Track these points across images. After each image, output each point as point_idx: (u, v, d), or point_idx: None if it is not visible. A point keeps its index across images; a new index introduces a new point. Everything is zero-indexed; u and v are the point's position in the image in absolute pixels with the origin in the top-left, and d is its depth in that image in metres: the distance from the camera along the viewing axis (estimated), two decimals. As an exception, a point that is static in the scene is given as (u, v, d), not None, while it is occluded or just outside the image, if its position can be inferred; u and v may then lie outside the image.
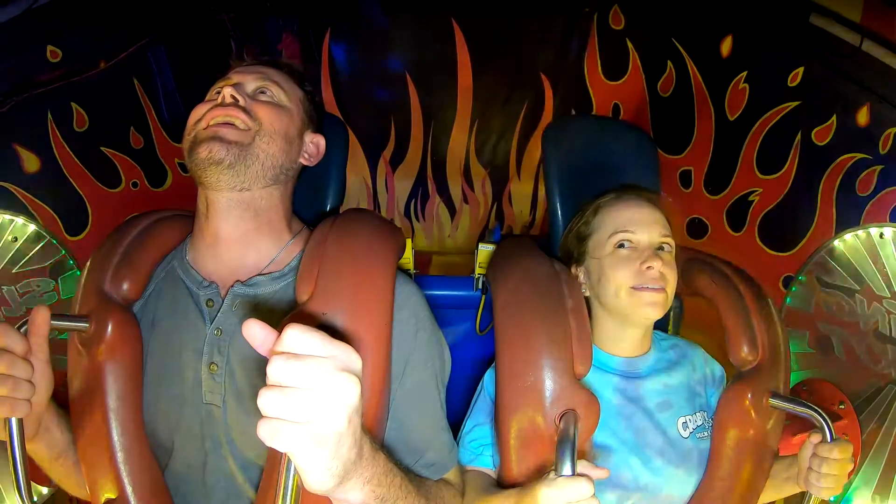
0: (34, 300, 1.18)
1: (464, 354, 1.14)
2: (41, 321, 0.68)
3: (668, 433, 0.93)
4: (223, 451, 0.77)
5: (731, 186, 1.51)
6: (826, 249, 1.23)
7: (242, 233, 0.82)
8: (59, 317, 0.75)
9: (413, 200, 2.37)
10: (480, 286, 1.43)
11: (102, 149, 1.39)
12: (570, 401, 0.83)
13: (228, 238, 0.82)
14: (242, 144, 0.78)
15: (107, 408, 0.76)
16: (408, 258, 1.37)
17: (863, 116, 1.16)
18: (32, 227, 1.18)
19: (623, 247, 0.94)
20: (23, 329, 0.68)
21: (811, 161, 1.28)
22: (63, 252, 1.22)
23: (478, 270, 1.43)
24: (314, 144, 0.93)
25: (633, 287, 0.91)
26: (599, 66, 1.98)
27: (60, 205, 1.25)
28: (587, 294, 0.99)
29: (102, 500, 0.77)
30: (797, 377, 1.25)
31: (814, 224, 1.27)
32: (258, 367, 0.74)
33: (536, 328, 0.88)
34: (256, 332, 0.49)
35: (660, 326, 1.11)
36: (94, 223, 1.33)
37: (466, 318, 1.47)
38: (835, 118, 1.22)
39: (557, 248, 1.12)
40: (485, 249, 1.39)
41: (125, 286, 0.81)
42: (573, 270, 1.02)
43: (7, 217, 1.14)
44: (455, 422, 0.94)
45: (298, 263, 0.80)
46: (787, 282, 1.33)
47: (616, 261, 0.94)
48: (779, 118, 1.36)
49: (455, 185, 2.34)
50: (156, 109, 1.57)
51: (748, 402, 0.92)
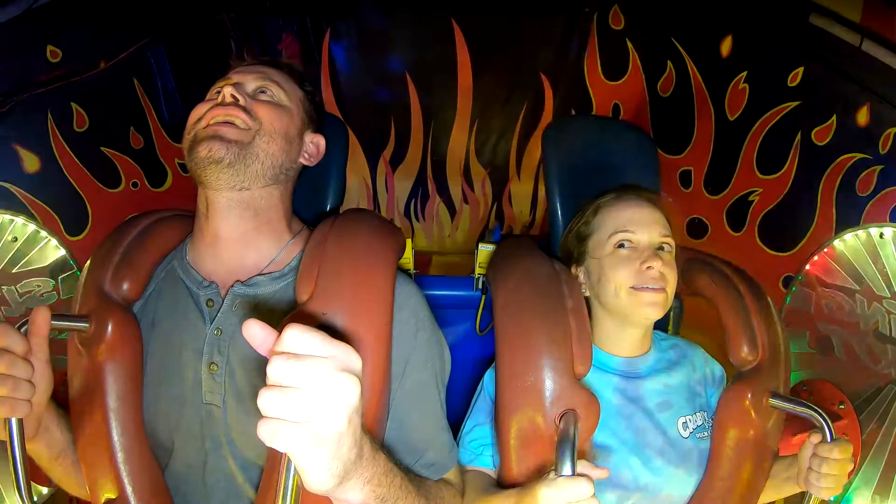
0: (34, 300, 1.18)
1: (464, 354, 1.14)
2: (41, 321, 0.68)
3: (668, 433, 0.93)
4: (223, 451, 0.77)
5: (731, 186, 1.51)
6: (826, 249, 1.23)
7: (242, 232, 0.82)
8: (59, 317, 0.75)
9: (413, 200, 2.36)
10: (480, 286, 1.43)
11: (102, 149, 1.39)
12: (570, 401, 0.83)
13: (228, 238, 0.82)
14: (242, 143, 0.78)
15: (107, 408, 0.76)
16: (408, 258, 1.37)
17: (863, 116, 1.16)
18: (32, 227, 1.18)
19: (623, 247, 0.94)
20: (23, 329, 0.68)
21: (811, 161, 1.28)
22: (63, 252, 1.22)
23: (478, 270, 1.43)
24: (314, 144, 0.93)
25: (633, 287, 0.91)
26: (599, 66, 1.98)
27: (60, 205, 1.25)
28: (587, 294, 0.99)
29: (102, 500, 0.77)
30: (797, 377, 1.25)
31: (814, 224, 1.27)
32: (258, 367, 0.74)
33: (536, 328, 0.88)
34: (256, 332, 0.49)
35: (660, 326, 1.11)
36: (94, 223, 1.33)
37: (466, 318, 1.47)
38: (835, 118, 1.21)
39: (557, 248, 1.12)
40: (485, 249, 1.39)
41: (125, 286, 0.81)
42: (573, 270, 1.02)
43: (7, 217, 1.14)
44: (455, 422, 0.93)
45: (298, 263, 0.80)
46: (787, 282, 1.33)
47: (616, 261, 0.94)
48: (779, 118, 1.35)
49: (455, 185, 2.34)
50: (156, 109, 1.57)
51: (748, 402, 0.92)
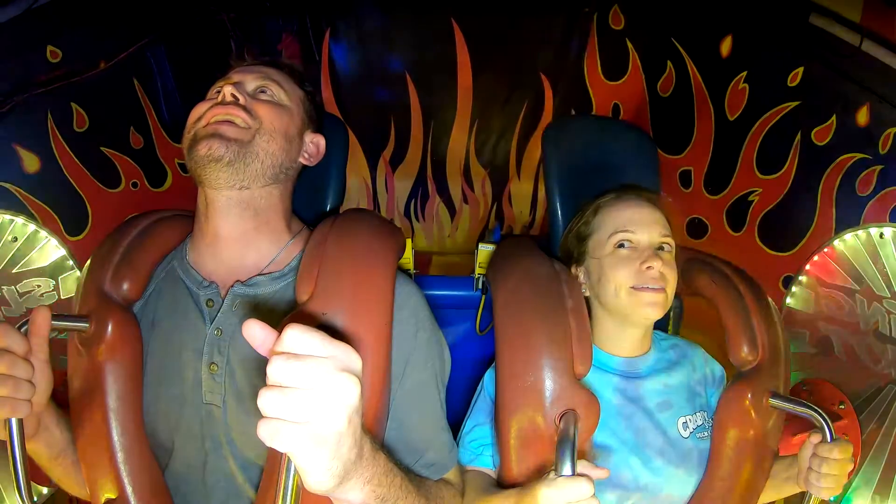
0: (34, 300, 1.18)
1: (464, 354, 1.14)
2: (42, 321, 0.68)
3: (669, 433, 0.93)
4: (223, 451, 0.77)
5: (731, 186, 1.51)
6: (826, 249, 1.23)
7: (242, 232, 0.82)
8: (60, 317, 0.75)
9: (413, 200, 2.36)
10: (480, 286, 1.43)
11: (102, 149, 1.39)
12: (570, 401, 0.83)
13: (228, 237, 0.82)
14: (242, 142, 0.78)
15: (107, 408, 0.76)
16: (408, 258, 1.37)
17: (863, 116, 1.16)
18: (32, 227, 1.18)
19: (623, 247, 0.94)
20: (23, 329, 0.68)
21: (811, 161, 1.28)
22: (63, 252, 1.22)
23: (478, 270, 1.43)
24: (314, 144, 0.93)
25: (633, 287, 0.91)
26: (599, 66, 1.98)
27: (60, 205, 1.25)
28: (587, 294, 0.99)
29: (102, 500, 0.77)
30: (797, 377, 1.25)
31: (814, 224, 1.27)
32: (258, 367, 0.74)
33: (536, 328, 0.88)
34: (256, 333, 0.49)
35: (660, 326, 1.11)
36: (94, 223, 1.32)
37: (466, 318, 1.47)
38: (834, 118, 1.21)
39: (557, 248, 1.12)
40: (485, 249, 1.39)
41: (125, 286, 0.81)
42: (573, 270, 1.02)
43: (7, 217, 1.14)
44: (455, 422, 0.94)
45: (298, 263, 0.80)
46: (787, 282, 1.32)
47: (616, 261, 0.94)
48: (779, 118, 1.35)
49: (455, 185, 2.34)
50: (156, 109, 1.57)
51: (748, 402, 0.92)
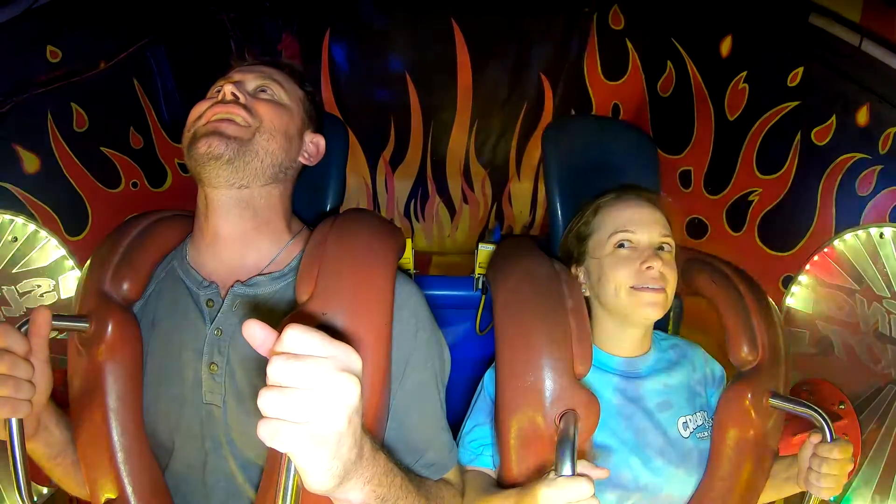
0: (34, 300, 1.18)
1: (464, 354, 1.14)
2: (42, 321, 0.68)
3: (669, 433, 0.93)
4: (223, 451, 0.77)
5: (731, 186, 1.51)
6: (826, 249, 1.23)
7: (242, 232, 0.82)
8: (60, 317, 0.75)
9: (413, 200, 2.36)
10: (480, 286, 1.43)
11: (102, 149, 1.39)
12: (570, 401, 0.83)
13: (228, 237, 0.82)
14: (242, 140, 0.78)
15: (107, 408, 0.76)
16: (408, 258, 1.37)
17: (862, 116, 1.16)
18: (32, 227, 1.18)
19: (623, 247, 0.94)
20: (23, 329, 0.68)
21: (811, 161, 1.28)
22: (63, 252, 1.22)
23: (478, 270, 1.43)
24: (314, 144, 0.93)
25: (633, 287, 0.91)
26: (599, 67, 1.98)
27: (60, 205, 1.25)
28: (587, 294, 0.99)
29: (102, 500, 0.77)
30: (797, 377, 1.25)
31: (814, 224, 1.27)
32: (258, 368, 0.74)
33: (536, 328, 0.88)
34: (256, 333, 0.49)
35: (660, 326, 1.11)
36: (94, 223, 1.33)
37: (466, 318, 1.47)
38: (834, 118, 1.21)
39: (557, 248, 1.12)
40: (485, 249, 1.39)
41: (125, 286, 0.81)
42: (573, 270, 1.02)
43: (7, 217, 1.14)
44: (455, 422, 0.94)
45: (298, 263, 0.80)
46: (787, 282, 1.33)
47: (616, 261, 0.94)
48: (778, 118, 1.35)
49: (455, 186, 2.34)
50: (156, 110, 1.57)
51: (748, 402, 0.92)
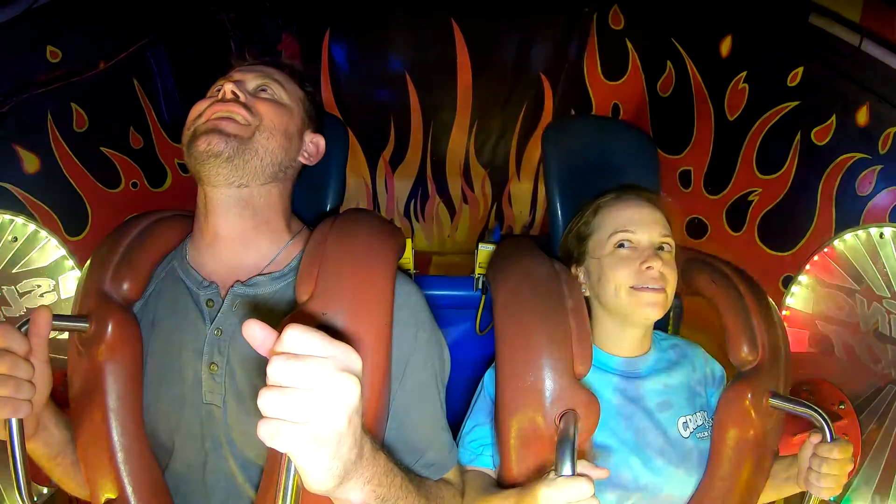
0: (34, 300, 1.18)
1: (464, 354, 1.14)
2: (42, 322, 0.68)
3: (669, 433, 0.93)
4: (223, 451, 0.77)
5: (731, 186, 1.51)
6: (826, 249, 1.23)
7: (241, 231, 0.82)
8: (60, 317, 0.75)
9: (413, 200, 2.36)
10: (480, 286, 1.43)
11: (102, 149, 1.39)
12: (570, 401, 0.83)
13: (227, 237, 0.82)
14: (242, 138, 0.78)
15: (107, 408, 0.76)
16: (408, 258, 1.37)
17: (862, 116, 1.16)
18: (32, 227, 1.18)
19: (623, 247, 0.94)
20: (23, 329, 0.68)
21: (811, 161, 1.28)
22: (63, 252, 1.22)
23: (478, 270, 1.43)
24: (314, 144, 0.93)
25: (633, 287, 0.91)
26: (599, 67, 1.98)
27: (60, 205, 1.25)
28: (587, 294, 0.99)
29: (102, 500, 0.77)
30: (797, 377, 1.25)
31: (813, 224, 1.27)
32: (258, 368, 0.74)
33: (536, 328, 0.88)
34: (256, 333, 0.49)
35: (660, 326, 1.11)
36: (94, 223, 1.33)
37: (466, 318, 1.47)
38: (834, 118, 1.21)
39: (557, 248, 1.12)
40: (485, 249, 1.39)
41: (125, 286, 0.81)
42: (573, 270, 1.02)
43: (7, 217, 1.14)
44: (455, 422, 0.94)
45: (298, 263, 0.80)
46: (787, 282, 1.33)
47: (616, 261, 0.94)
48: (778, 118, 1.35)
49: (455, 186, 2.34)
50: (156, 110, 1.57)
51: (748, 402, 0.92)
